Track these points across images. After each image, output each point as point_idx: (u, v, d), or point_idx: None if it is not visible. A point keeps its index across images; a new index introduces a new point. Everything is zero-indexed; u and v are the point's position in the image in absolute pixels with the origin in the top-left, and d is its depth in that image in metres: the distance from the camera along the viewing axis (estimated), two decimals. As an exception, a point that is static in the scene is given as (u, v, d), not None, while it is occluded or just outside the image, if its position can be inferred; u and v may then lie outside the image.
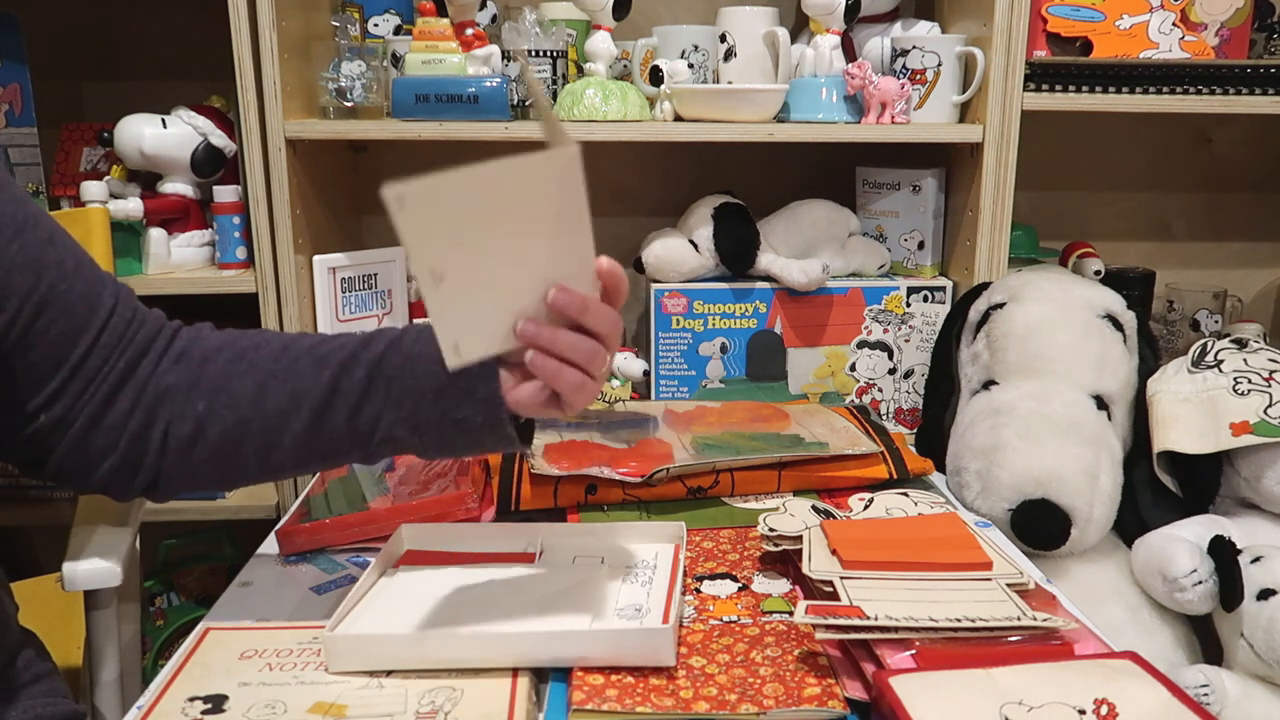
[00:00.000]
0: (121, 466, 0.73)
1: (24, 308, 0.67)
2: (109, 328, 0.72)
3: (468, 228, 0.62)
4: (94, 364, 0.71)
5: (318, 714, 0.67)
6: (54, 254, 0.70)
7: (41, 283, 0.68)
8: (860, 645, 0.71)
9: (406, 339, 0.74)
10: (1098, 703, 0.64)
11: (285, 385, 0.72)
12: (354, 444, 0.73)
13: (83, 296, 0.71)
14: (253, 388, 0.72)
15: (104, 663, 0.96)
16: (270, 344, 0.75)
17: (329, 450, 0.74)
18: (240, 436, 0.72)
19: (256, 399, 0.72)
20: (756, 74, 1.30)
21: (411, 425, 0.72)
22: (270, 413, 0.72)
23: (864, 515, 0.96)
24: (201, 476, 0.75)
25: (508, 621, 0.76)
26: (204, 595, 1.49)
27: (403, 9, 1.38)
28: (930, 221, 1.34)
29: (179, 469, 0.73)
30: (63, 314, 0.69)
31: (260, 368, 0.73)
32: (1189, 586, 0.99)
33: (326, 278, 1.26)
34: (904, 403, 1.33)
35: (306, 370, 0.73)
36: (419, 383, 0.72)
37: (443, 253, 0.62)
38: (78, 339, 0.70)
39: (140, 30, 1.43)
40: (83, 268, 0.72)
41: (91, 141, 1.39)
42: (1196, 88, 1.24)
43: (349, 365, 0.73)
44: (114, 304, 0.73)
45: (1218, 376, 1.08)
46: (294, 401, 0.72)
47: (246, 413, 0.72)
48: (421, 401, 0.72)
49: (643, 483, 0.98)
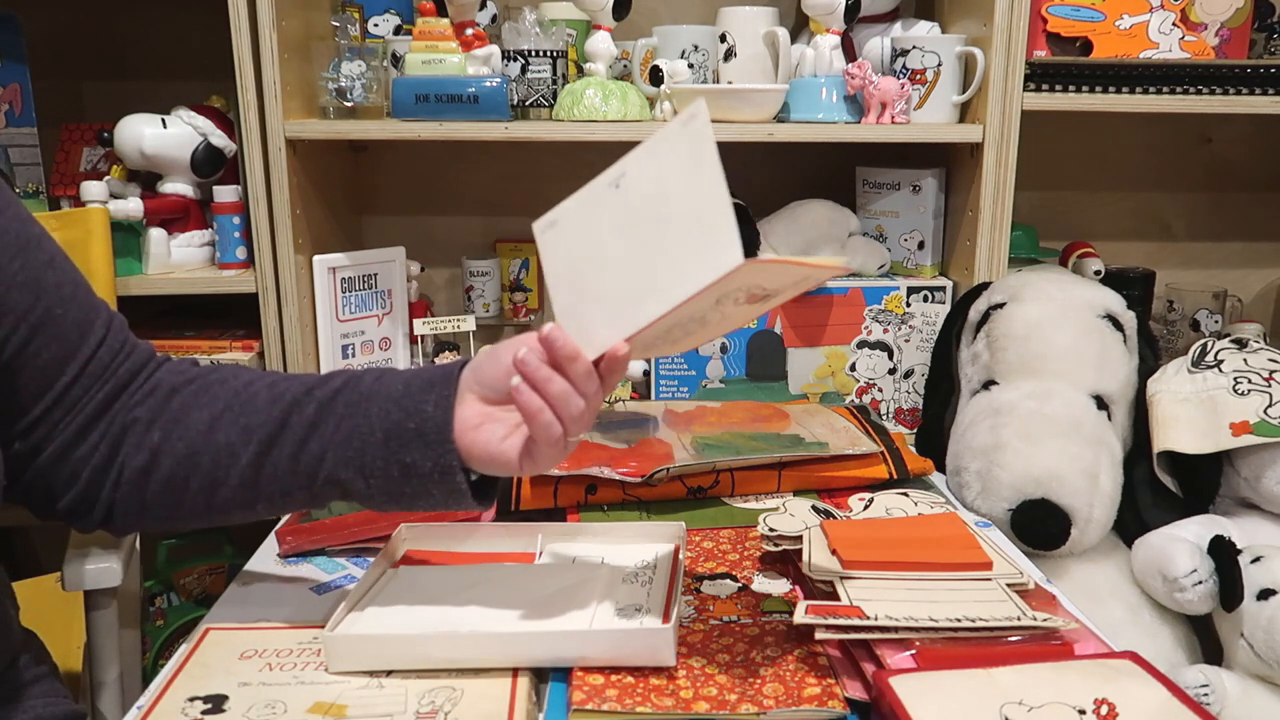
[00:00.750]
0: (82, 498, 0.72)
1: (19, 328, 0.67)
2: (95, 358, 0.71)
3: (597, 254, 0.64)
4: (75, 394, 0.70)
5: (318, 714, 0.67)
6: (53, 277, 0.69)
7: (39, 304, 0.68)
8: (860, 645, 0.71)
9: (367, 378, 0.72)
10: (1098, 703, 0.64)
11: (238, 419, 0.71)
12: (296, 483, 0.71)
13: (76, 323, 0.70)
14: (207, 420, 0.71)
15: (104, 663, 0.96)
16: (238, 379, 0.74)
17: (273, 489, 0.71)
18: (189, 470, 0.71)
19: (209, 431, 0.71)
20: (756, 74, 1.30)
21: (357, 467, 0.70)
22: (219, 446, 0.71)
23: (864, 515, 0.96)
24: (154, 512, 0.73)
25: (508, 621, 0.76)
26: (204, 595, 1.49)
27: (403, 9, 1.38)
28: (930, 221, 1.34)
29: (132, 502, 0.72)
30: (55, 339, 0.68)
31: (219, 401, 0.72)
32: (1189, 586, 0.99)
33: (326, 278, 1.26)
34: (904, 403, 1.33)
35: (261, 405, 0.71)
36: (369, 422, 0.69)
37: (578, 282, 0.65)
38: (65, 366, 0.69)
39: (140, 30, 1.43)
40: (79, 294, 0.71)
41: (91, 141, 1.39)
42: (1196, 88, 1.23)
43: (301, 401, 0.71)
44: (104, 334, 0.72)
45: (1218, 376, 1.08)
46: (244, 436, 0.70)
47: (198, 445, 0.71)
48: (369, 442, 0.69)
49: (643, 483, 0.98)
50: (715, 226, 0.58)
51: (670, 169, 0.60)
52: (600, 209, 0.64)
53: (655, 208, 0.61)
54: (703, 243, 0.59)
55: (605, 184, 0.63)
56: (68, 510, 0.72)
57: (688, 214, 0.60)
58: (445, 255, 1.50)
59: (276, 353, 1.24)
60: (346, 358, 1.30)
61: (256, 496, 0.72)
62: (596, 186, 0.64)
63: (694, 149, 0.59)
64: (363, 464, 0.70)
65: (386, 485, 0.70)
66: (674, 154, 0.60)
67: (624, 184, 0.62)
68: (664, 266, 0.61)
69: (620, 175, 0.63)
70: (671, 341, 0.68)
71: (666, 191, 0.61)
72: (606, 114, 1.21)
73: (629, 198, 0.62)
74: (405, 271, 1.35)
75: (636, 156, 0.62)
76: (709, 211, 0.59)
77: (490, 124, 1.18)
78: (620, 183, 0.62)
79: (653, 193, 0.61)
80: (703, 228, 0.59)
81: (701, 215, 0.59)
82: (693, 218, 0.60)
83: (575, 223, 0.65)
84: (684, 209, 0.60)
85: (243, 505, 0.72)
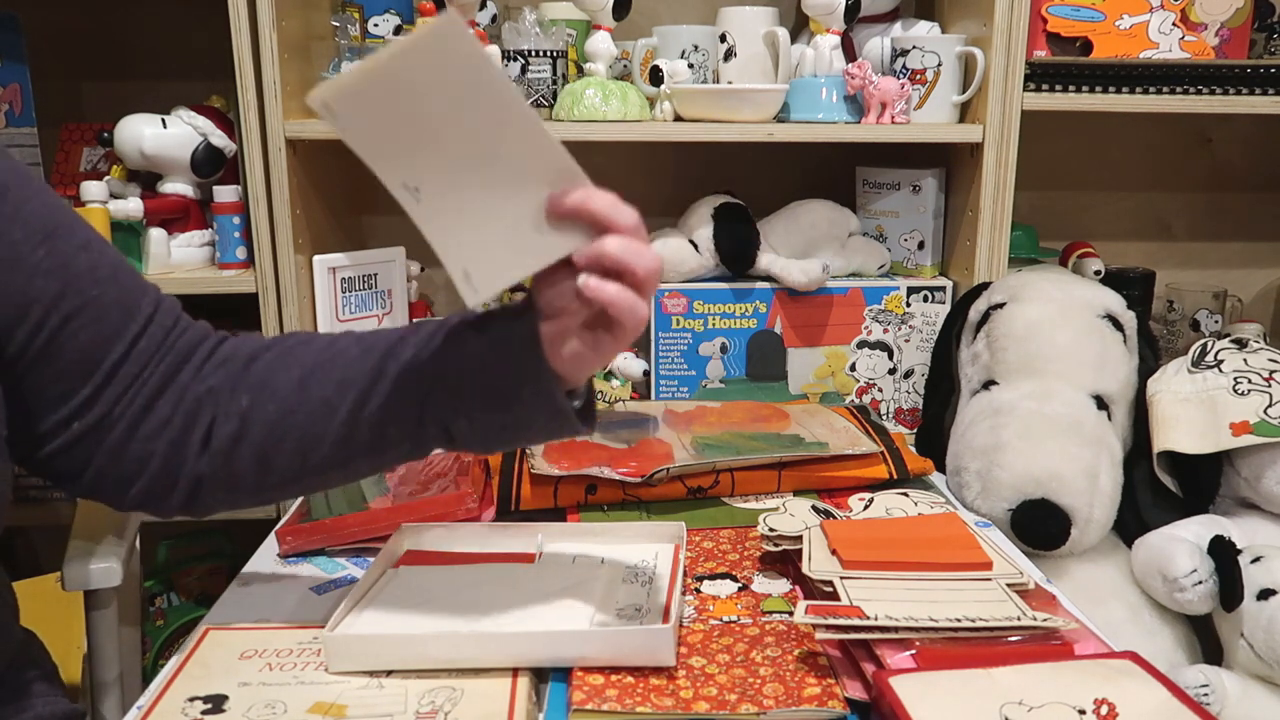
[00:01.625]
0: (160, 475, 0.70)
1: (50, 314, 0.66)
2: (146, 334, 0.70)
3: (407, 125, 0.59)
4: (130, 370, 0.69)
5: (318, 714, 0.67)
6: (86, 260, 0.68)
7: (69, 289, 0.67)
8: (860, 645, 0.71)
9: (456, 320, 0.70)
10: (1098, 703, 0.64)
11: (331, 374, 0.70)
12: (397, 431, 0.70)
13: (117, 302, 0.69)
14: (296, 379, 0.70)
15: (104, 663, 0.96)
16: (319, 339, 0.73)
17: (372, 440, 0.70)
18: (283, 432, 0.70)
19: (300, 390, 0.70)
20: (756, 74, 1.30)
21: (456, 404, 0.68)
22: (314, 402, 0.69)
23: (864, 515, 0.96)
24: (244, 482, 0.71)
25: (508, 621, 0.76)
26: (204, 595, 1.49)
27: (403, 9, 1.38)
28: (930, 221, 1.34)
29: (221, 475, 0.71)
30: (93, 320, 0.68)
31: (305, 361, 0.71)
32: (1189, 586, 0.99)
33: (326, 278, 1.26)
34: (904, 403, 1.33)
35: (354, 358, 0.70)
36: (464, 360, 0.68)
37: (403, 161, 0.59)
38: (110, 345, 0.68)
39: (140, 30, 1.43)
40: (120, 274, 0.71)
41: (91, 141, 1.39)
42: (1196, 88, 1.24)
43: (396, 349, 0.70)
44: (152, 311, 0.71)
45: (1218, 376, 1.08)
46: (339, 389, 0.69)
47: (291, 404, 0.69)
48: (467, 381, 0.68)
49: (643, 483, 0.98)
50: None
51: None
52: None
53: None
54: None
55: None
56: (144, 492, 0.71)
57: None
58: (445, 255, 1.50)
59: (276, 353, 1.23)
60: (346, 358, 1.30)
61: (353, 453, 0.70)
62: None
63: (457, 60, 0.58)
64: (461, 401, 0.68)
65: (488, 420, 0.69)
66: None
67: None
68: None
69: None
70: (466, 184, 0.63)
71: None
72: (606, 114, 1.21)
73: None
74: (405, 271, 1.35)
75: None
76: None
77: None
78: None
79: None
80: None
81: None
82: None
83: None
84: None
85: (338, 464, 0.71)
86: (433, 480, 0.99)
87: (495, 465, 1.02)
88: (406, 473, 1.02)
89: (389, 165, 0.60)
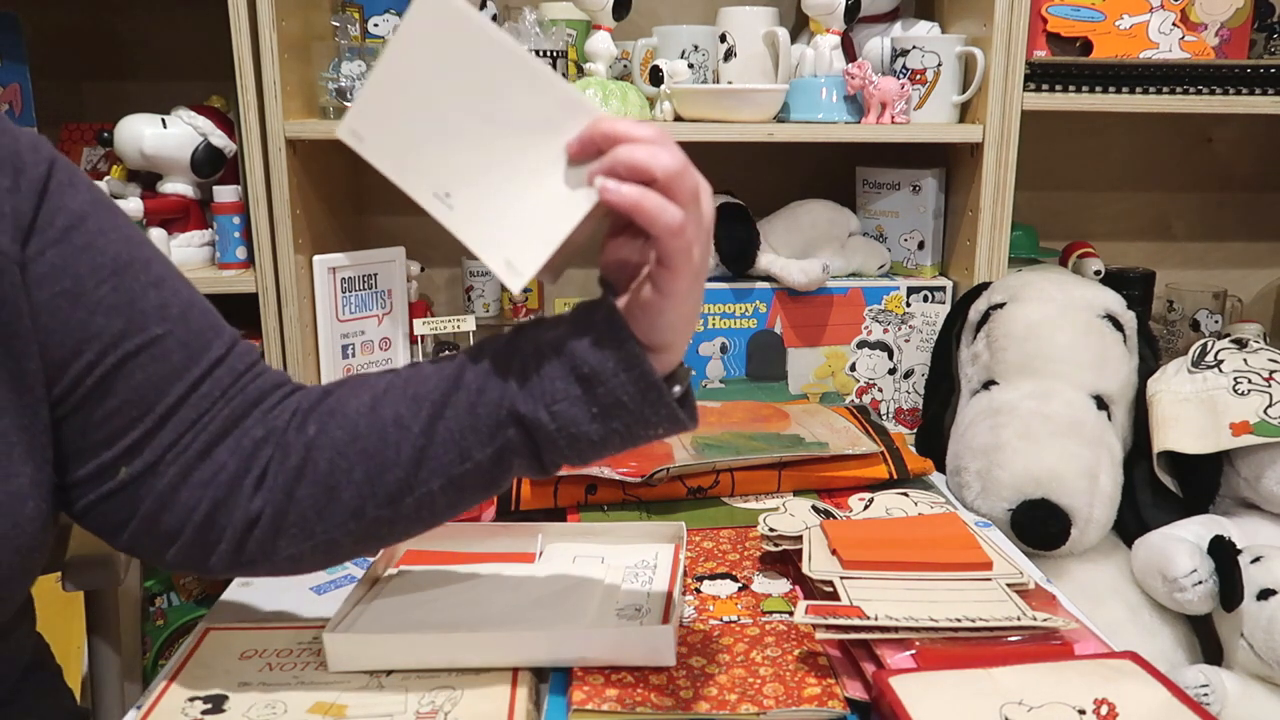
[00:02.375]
0: (205, 524, 0.65)
1: (107, 353, 0.62)
2: (211, 377, 0.65)
3: (426, 123, 0.58)
4: (188, 415, 0.64)
5: (318, 714, 0.67)
6: (156, 297, 0.65)
7: (132, 326, 0.63)
8: (860, 645, 0.71)
9: (529, 329, 0.65)
10: (1098, 703, 0.64)
11: (406, 391, 0.65)
12: (480, 442, 0.63)
13: (183, 343, 0.65)
14: (369, 402, 0.65)
15: (104, 663, 0.96)
16: (395, 370, 0.68)
17: (450, 459, 0.63)
18: (352, 457, 0.64)
19: (372, 411, 0.65)
20: (756, 74, 1.30)
21: (537, 396, 0.62)
22: (386, 422, 0.64)
23: (864, 515, 0.96)
24: (304, 523, 0.65)
25: (508, 621, 0.76)
26: (204, 595, 1.49)
27: (403, 9, 1.38)
28: (930, 221, 1.34)
29: (278, 514, 0.64)
30: (153, 360, 0.64)
31: (380, 383, 0.66)
32: (1189, 586, 0.99)
33: (326, 278, 1.26)
34: (904, 403, 1.33)
35: (429, 374, 0.65)
36: (545, 346, 0.62)
37: (431, 167, 0.58)
38: (169, 387, 0.64)
39: (140, 30, 1.44)
40: (191, 314, 0.66)
41: (91, 141, 1.39)
42: (1196, 88, 1.24)
43: (474, 355, 0.65)
44: (223, 354, 0.66)
45: (1218, 376, 1.08)
46: (413, 405, 0.64)
47: (361, 427, 0.64)
48: (544, 362, 0.62)
49: (643, 483, 0.98)
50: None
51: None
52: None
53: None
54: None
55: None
56: (188, 547, 0.65)
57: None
58: (445, 255, 1.50)
59: (276, 353, 1.24)
60: (346, 358, 1.30)
61: (426, 476, 0.64)
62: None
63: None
64: (541, 389, 0.62)
65: (572, 413, 0.61)
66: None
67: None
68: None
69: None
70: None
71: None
72: (606, 114, 1.21)
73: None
74: (405, 271, 1.35)
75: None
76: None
77: (490, 124, 1.18)
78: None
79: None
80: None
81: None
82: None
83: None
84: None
85: (408, 490, 0.64)
86: (433, 480, 0.99)
87: (495, 465, 1.02)
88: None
89: (419, 178, 0.59)
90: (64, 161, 0.65)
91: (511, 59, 0.58)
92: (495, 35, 0.58)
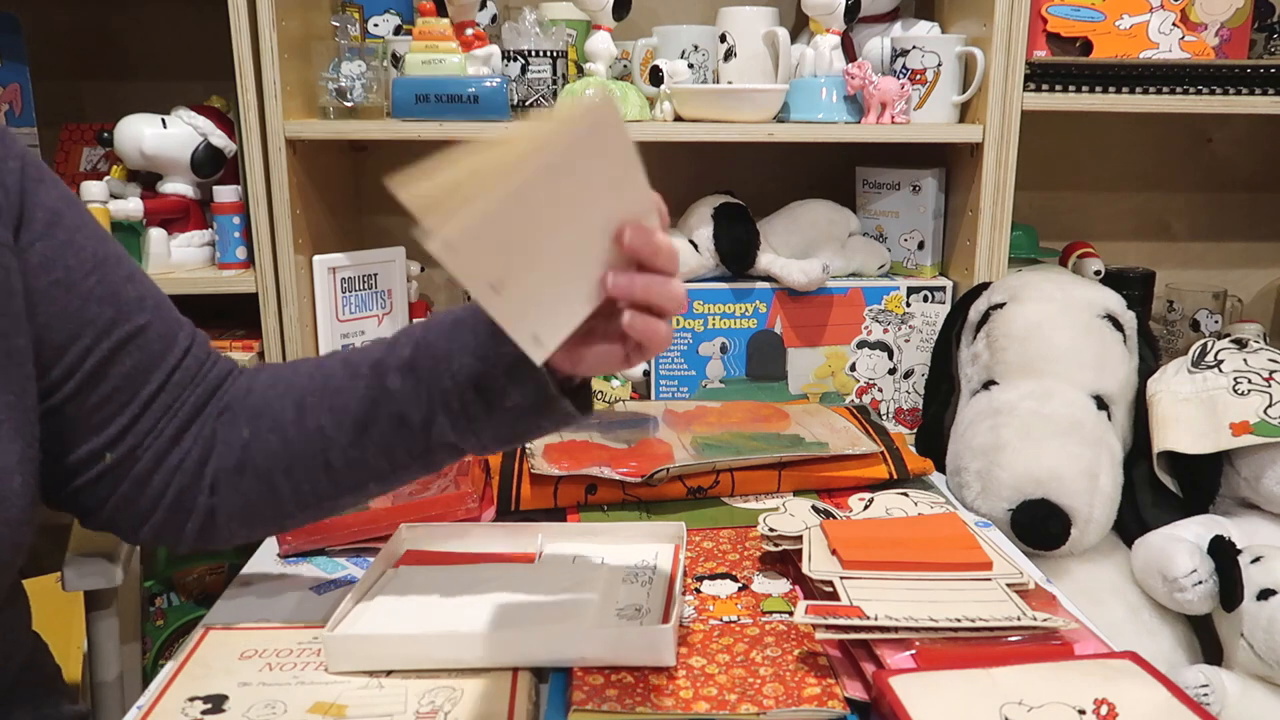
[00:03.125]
0: (174, 508, 0.71)
1: (101, 339, 0.67)
2: (182, 366, 0.71)
3: (522, 234, 0.55)
4: (164, 401, 0.70)
5: (318, 714, 0.67)
6: (133, 291, 0.69)
7: (120, 315, 0.68)
8: (860, 645, 0.71)
9: (430, 337, 0.69)
10: (1098, 703, 0.64)
11: (323, 401, 0.70)
12: (406, 455, 0.69)
13: (160, 334, 0.70)
14: (293, 409, 0.70)
15: (104, 663, 0.96)
16: (306, 364, 0.74)
17: (381, 466, 0.70)
18: (289, 461, 0.70)
19: (298, 421, 0.70)
20: (756, 74, 1.30)
21: (463, 425, 0.67)
22: (312, 431, 0.69)
23: (864, 515, 0.96)
24: (258, 511, 0.72)
25: (508, 621, 0.76)
26: (204, 595, 1.49)
27: (403, 9, 1.38)
28: (930, 221, 1.34)
29: (232, 506, 0.71)
30: (139, 348, 0.68)
31: (297, 386, 0.72)
32: (1189, 586, 0.99)
33: (326, 278, 1.26)
34: (904, 403, 1.33)
35: (342, 384, 0.70)
36: (457, 382, 0.66)
37: (498, 266, 0.55)
38: (150, 375, 0.69)
39: (140, 30, 1.43)
40: (161, 308, 0.71)
41: (91, 141, 1.39)
42: (1196, 88, 1.23)
43: (383, 375, 0.69)
44: (189, 345, 0.72)
45: (1218, 376, 1.08)
46: (335, 420, 0.69)
47: (291, 434, 0.70)
48: (465, 400, 0.67)
49: (643, 483, 0.98)
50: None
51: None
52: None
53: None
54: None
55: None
56: (160, 525, 0.71)
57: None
58: (445, 255, 1.50)
59: (276, 353, 1.24)
60: (346, 358, 1.30)
61: (366, 477, 0.71)
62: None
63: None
64: (467, 420, 0.67)
65: (496, 432, 0.68)
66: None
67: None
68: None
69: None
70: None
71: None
72: (606, 114, 1.21)
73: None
74: (405, 271, 1.35)
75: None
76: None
77: (490, 124, 1.18)
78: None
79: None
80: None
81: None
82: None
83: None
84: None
85: (352, 489, 0.72)
86: (433, 480, 0.99)
87: (495, 465, 1.03)
88: (406, 473, 1.02)
89: (481, 275, 0.55)
90: (32, 155, 0.68)
91: (638, 165, 0.58)
92: (635, 152, 0.57)
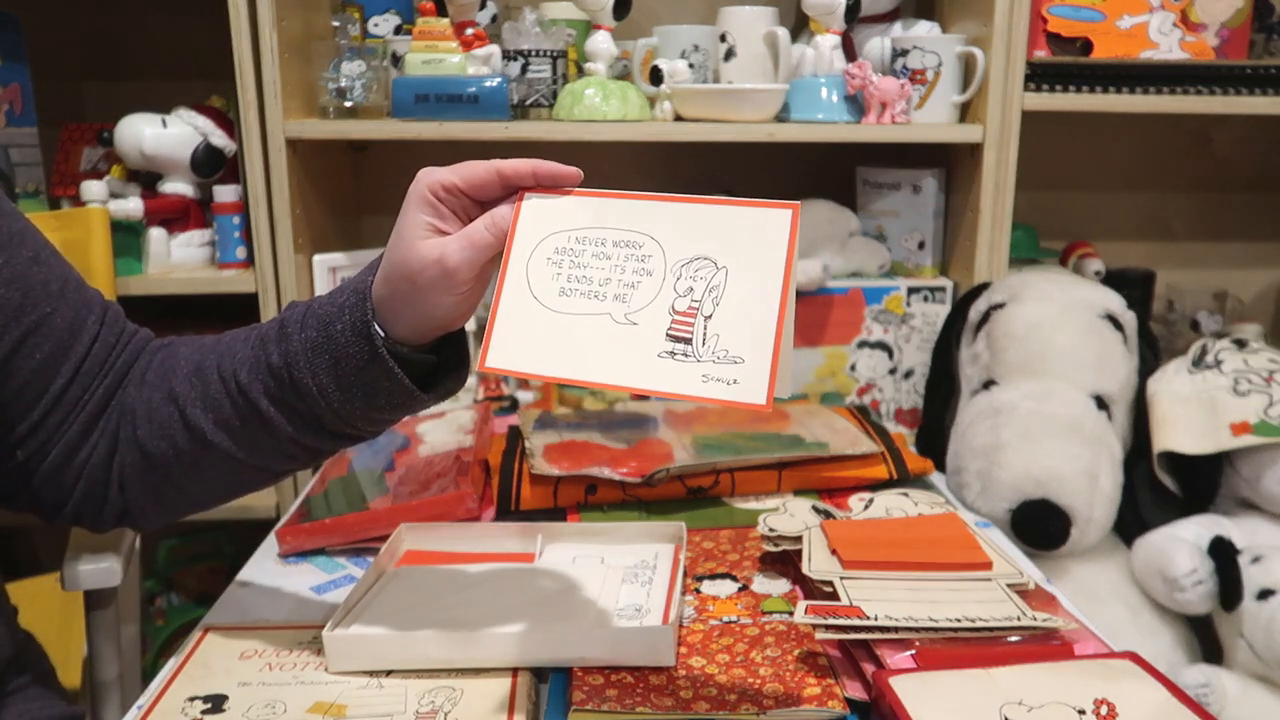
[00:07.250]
0: (89, 497, 0.70)
1: (10, 327, 0.64)
2: (91, 355, 0.69)
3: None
4: (74, 394, 0.68)
5: (318, 714, 0.67)
6: (39, 274, 0.67)
7: (27, 301, 0.65)
8: (860, 645, 0.71)
9: (299, 305, 0.67)
10: (1098, 703, 0.64)
11: (207, 416, 0.67)
12: (293, 458, 0.69)
13: (68, 322, 0.68)
14: (178, 415, 0.68)
15: (104, 663, 0.96)
16: (185, 357, 0.70)
17: (277, 463, 0.70)
18: (185, 461, 0.68)
19: (185, 425, 0.68)
20: (756, 74, 1.30)
21: (328, 372, 0.64)
22: (203, 436, 0.67)
23: (864, 515, 0.96)
24: (172, 503, 0.72)
25: (508, 621, 0.76)
26: (204, 595, 1.49)
27: (403, 9, 1.38)
28: (930, 221, 1.34)
29: (146, 496, 0.71)
30: (46, 339, 0.66)
31: (180, 394, 0.68)
32: (1189, 586, 0.99)
33: (326, 278, 1.26)
34: (904, 403, 1.33)
35: (219, 398, 0.67)
36: (309, 332, 0.64)
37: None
38: (59, 367, 0.67)
39: (140, 30, 1.44)
40: (68, 290, 0.69)
41: (91, 141, 1.39)
42: (1196, 88, 1.24)
43: (251, 398, 0.66)
44: (98, 330, 0.69)
45: (1218, 376, 1.08)
46: (220, 430, 0.67)
47: (180, 440, 0.68)
48: (318, 347, 0.63)
49: (643, 483, 0.98)
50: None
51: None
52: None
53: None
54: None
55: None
56: (75, 514, 0.71)
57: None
58: (445, 255, 1.50)
59: (276, 353, 1.24)
60: (346, 358, 1.30)
61: (259, 472, 0.71)
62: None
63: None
64: (336, 371, 0.64)
65: (343, 385, 0.64)
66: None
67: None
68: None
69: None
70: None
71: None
72: (606, 114, 1.21)
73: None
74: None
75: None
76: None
77: (490, 124, 1.18)
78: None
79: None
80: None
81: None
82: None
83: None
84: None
85: (254, 483, 0.72)
86: (433, 480, 0.99)
87: (495, 465, 1.02)
88: (406, 473, 1.02)
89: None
90: None
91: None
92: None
